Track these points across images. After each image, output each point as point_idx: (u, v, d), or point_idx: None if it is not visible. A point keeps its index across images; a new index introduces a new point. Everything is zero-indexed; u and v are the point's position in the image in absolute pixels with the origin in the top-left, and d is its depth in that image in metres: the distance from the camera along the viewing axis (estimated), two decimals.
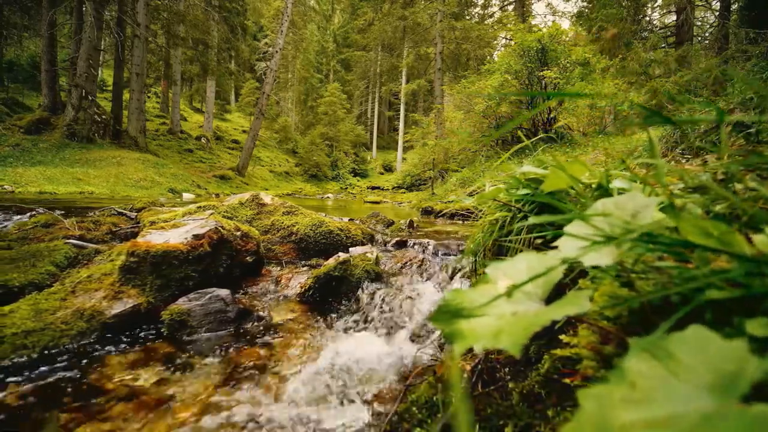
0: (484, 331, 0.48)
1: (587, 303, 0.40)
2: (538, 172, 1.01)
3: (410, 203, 9.98)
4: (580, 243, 0.51)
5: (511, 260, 0.60)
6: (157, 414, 1.02)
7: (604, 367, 0.62)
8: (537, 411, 0.80)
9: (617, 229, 0.48)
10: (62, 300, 1.50)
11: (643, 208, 0.48)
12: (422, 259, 2.32)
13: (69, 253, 2.09)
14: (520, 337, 0.41)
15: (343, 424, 0.96)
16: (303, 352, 1.34)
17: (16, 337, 1.25)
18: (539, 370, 0.88)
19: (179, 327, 1.39)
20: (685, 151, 2.30)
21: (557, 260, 0.55)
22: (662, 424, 0.29)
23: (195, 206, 2.58)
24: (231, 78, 22.61)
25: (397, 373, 1.20)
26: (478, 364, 0.98)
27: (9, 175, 8.09)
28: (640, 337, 0.57)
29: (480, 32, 16.28)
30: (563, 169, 0.70)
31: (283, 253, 2.47)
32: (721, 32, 13.30)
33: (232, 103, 34.24)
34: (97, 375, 1.17)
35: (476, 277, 1.40)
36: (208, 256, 1.75)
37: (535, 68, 7.50)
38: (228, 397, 1.08)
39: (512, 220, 1.20)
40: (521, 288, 0.56)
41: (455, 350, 0.48)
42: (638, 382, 0.35)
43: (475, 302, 0.56)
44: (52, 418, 0.98)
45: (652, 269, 0.60)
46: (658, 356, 0.37)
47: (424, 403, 0.91)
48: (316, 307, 1.78)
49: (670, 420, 0.29)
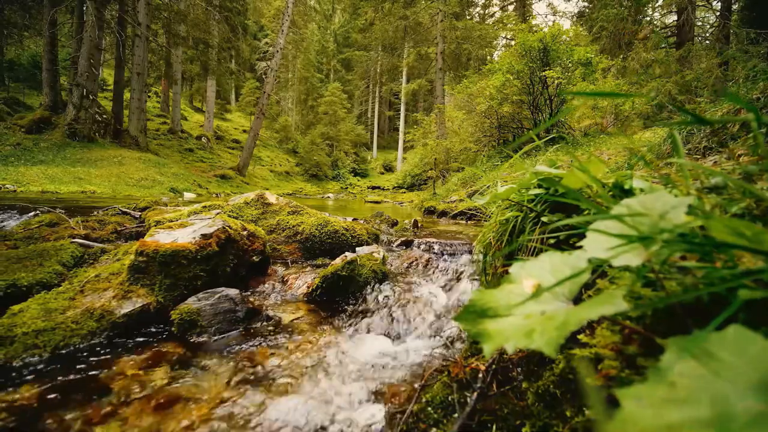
0: (513, 331, 0.48)
1: (623, 303, 0.40)
2: (551, 171, 1.01)
3: (411, 203, 9.97)
4: (608, 243, 0.51)
5: (534, 260, 0.60)
6: (169, 414, 1.02)
7: (627, 368, 0.62)
8: (554, 411, 0.80)
9: (646, 229, 0.48)
10: (71, 299, 1.50)
11: (671, 208, 0.48)
12: (428, 259, 2.32)
13: (75, 253, 2.09)
14: (555, 337, 0.41)
15: (357, 424, 0.95)
16: (313, 352, 1.34)
17: (27, 337, 1.25)
18: (554, 370, 0.88)
19: (189, 327, 1.39)
20: (691, 151, 2.30)
21: (583, 260, 0.55)
22: (712, 423, 0.29)
23: (200, 206, 2.58)
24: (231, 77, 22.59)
25: (409, 372, 1.20)
26: (492, 364, 0.98)
27: (11, 174, 8.08)
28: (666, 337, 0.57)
29: (482, 32, 16.27)
30: (584, 168, 0.70)
31: (288, 252, 2.47)
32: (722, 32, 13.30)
33: (233, 103, 34.22)
34: (109, 375, 1.17)
35: (486, 277, 1.40)
36: (215, 256, 1.74)
37: (537, 68, 7.49)
38: (240, 397, 1.08)
39: (524, 220, 1.20)
40: (547, 287, 0.56)
41: (485, 351, 0.48)
42: (679, 382, 0.35)
43: (500, 302, 0.56)
44: (66, 418, 0.98)
45: (677, 270, 0.60)
46: (698, 356, 0.37)
47: (439, 403, 0.91)
48: (324, 306, 1.78)
49: (720, 419, 0.29)
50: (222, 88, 28.54)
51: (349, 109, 30.87)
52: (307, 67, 31.09)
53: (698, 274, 0.57)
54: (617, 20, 16.29)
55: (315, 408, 1.01)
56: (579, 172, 0.77)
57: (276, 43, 17.88)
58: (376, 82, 33.54)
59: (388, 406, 1.00)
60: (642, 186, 0.76)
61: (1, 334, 1.24)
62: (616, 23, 16.35)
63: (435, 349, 1.29)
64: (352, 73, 35.96)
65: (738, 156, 1.35)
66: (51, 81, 13.29)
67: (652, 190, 0.69)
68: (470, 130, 10.36)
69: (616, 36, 16.51)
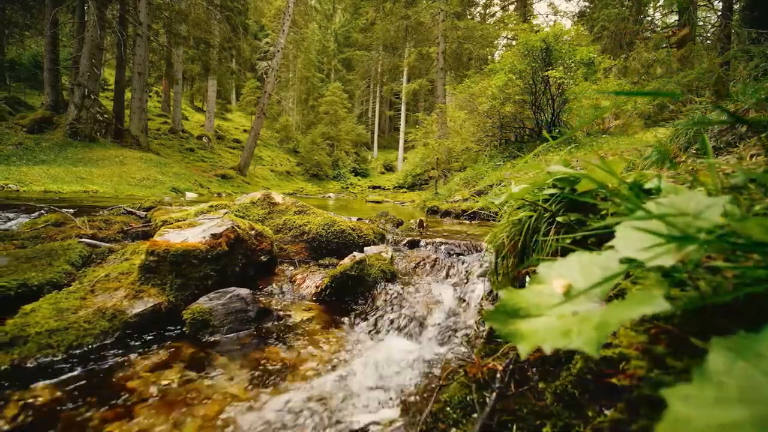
0: (549, 331, 0.48)
1: (664, 303, 0.40)
2: (567, 171, 1.01)
3: (413, 203, 9.97)
4: (641, 243, 0.51)
5: (562, 260, 0.60)
6: (185, 414, 1.02)
7: (656, 368, 0.61)
8: (574, 411, 0.80)
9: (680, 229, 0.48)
10: (82, 299, 1.50)
11: (706, 207, 0.48)
12: (435, 259, 2.32)
13: (83, 252, 2.09)
14: (595, 337, 0.41)
15: (374, 423, 0.95)
16: (326, 352, 1.34)
17: (40, 337, 1.25)
18: (571, 370, 0.87)
19: (201, 326, 1.39)
20: (699, 151, 2.30)
21: (614, 261, 0.55)
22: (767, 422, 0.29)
23: (207, 205, 2.58)
24: (232, 77, 22.60)
25: (423, 372, 1.20)
26: (509, 364, 0.98)
27: (13, 174, 8.08)
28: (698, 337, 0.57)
29: (483, 32, 16.27)
30: (608, 167, 0.70)
31: (295, 252, 2.47)
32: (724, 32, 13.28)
33: (233, 103, 34.22)
34: (124, 374, 1.17)
35: (498, 277, 1.40)
36: (225, 256, 1.74)
37: (540, 68, 7.49)
38: (256, 397, 1.08)
39: (538, 220, 1.20)
40: (578, 287, 0.56)
41: (521, 351, 0.48)
42: (728, 383, 0.35)
43: (531, 302, 0.56)
44: (83, 419, 0.98)
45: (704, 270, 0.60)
46: (746, 356, 0.37)
47: (458, 403, 0.91)
48: (334, 307, 1.78)
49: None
50: (223, 87, 28.55)
51: (350, 109, 30.87)
52: (307, 66, 31.09)
53: (728, 275, 0.57)
54: (618, 20, 16.30)
55: (333, 408, 1.01)
56: (601, 172, 0.77)
57: (277, 42, 17.87)
58: (376, 82, 33.53)
59: (405, 406, 1.00)
60: (660, 186, 0.76)
61: (14, 334, 1.24)
62: (617, 23, 16.36)
63: (450, 350, 1.29)
64: (352, 72, 35.95)
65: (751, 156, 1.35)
66: (52, 81, 13.30)
67: (676, 191, 0.69)
68: (472, 129, 10.36)
69: (618, 36, 16.52)
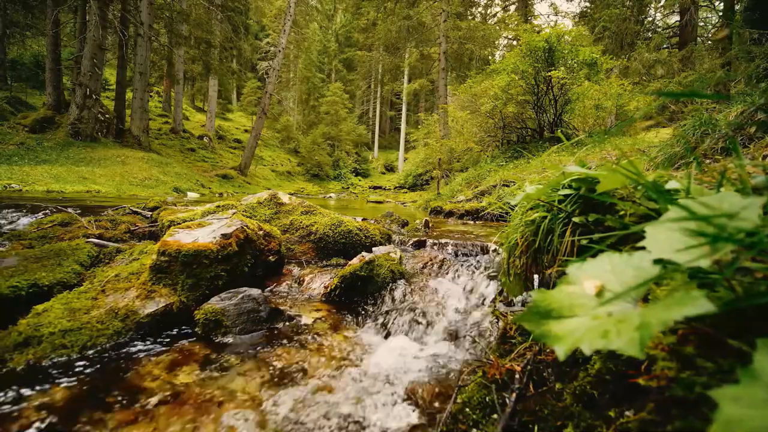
0: (586, 332, 0.48)
1: (707, 303, 0.40)
2: (584, 171, 1.01)
3: (414, 203, 9.97)
4: (674, 244, 0.51)
5: (593, 261, 0.60)
6: (201, 414, 1.02)
7: (685, 369, 0.61)
8: (595, 412, 0.80)
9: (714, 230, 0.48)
10: (94, 299, 1.50)
11: (742, 208, 0.48)
12: (442, 260, 2.31)
13: (91, 252, 2.09)
14: (638, 338, 0.41)
15: (392, 424, 0.95)
16: (339, 352, 1.34)
17: (54, 337, 1.25)
18: (588, 370, 0.87)
19: (214, 327, 1.39)
20: (706, 152, 2.29)
21: (647, 261, 0.55)
22: None
23: (214, 205, 2.58)
24: (233, 77, 22.57)
25: (437, 373, 1.19)
26: (527, 364, 0.98)
27: (16, 174, 8.08)
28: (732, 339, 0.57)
29: (485, 32, 16.26)
30: (634, 168, 0.70)
31: (302, 252, 2.47)
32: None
33: (234, 103, 34.22)
34: (139, 375, 1.16)
35: (509, 278, 1.40)
36: (235, 256, 1.74)
37: (542, 68, 7.48)
38: (271, 398, 1.08)
39: (552, 220, 1.20)
40: (610, 288, 0.56)
41: (558, 352, 0.48)
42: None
43: (563, 303, 0.56)
44: (100, 419, 0.98)
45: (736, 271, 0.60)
46: None
47: (477, 404, 0.91)
48: (343, 307, 1.78)
49: None
50: (224, 87, 28.55)
51: (351, 109, 30.87)
52: (308, 66, 31.09)
53: (758, 275, 0.57)
54: (619, 20, 16.31)
55: (350, 409, 1.01)
56: (624, 171, 0.77)
57: (278, 42, 17.88)
58: (377, 82, 33.52)
59: (423, 407, 1.00)
60: (687, 186, 0.76)
61: (28, 334, 1.24)
62: (618, 23, 16.37)
63: (466, 351, 1.29)
64: (353, 72, 35.95)
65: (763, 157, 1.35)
66: (54, 80, 13.30)
67: (701, 192, 0.69)
68: (473, 130, 10.35)
69: (619, 36, 16.52)
